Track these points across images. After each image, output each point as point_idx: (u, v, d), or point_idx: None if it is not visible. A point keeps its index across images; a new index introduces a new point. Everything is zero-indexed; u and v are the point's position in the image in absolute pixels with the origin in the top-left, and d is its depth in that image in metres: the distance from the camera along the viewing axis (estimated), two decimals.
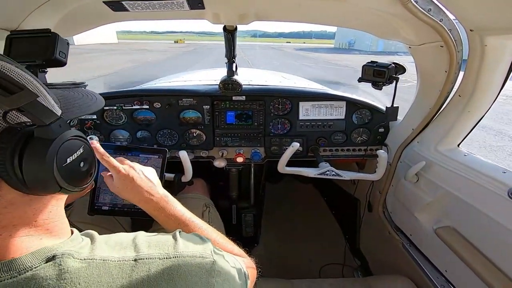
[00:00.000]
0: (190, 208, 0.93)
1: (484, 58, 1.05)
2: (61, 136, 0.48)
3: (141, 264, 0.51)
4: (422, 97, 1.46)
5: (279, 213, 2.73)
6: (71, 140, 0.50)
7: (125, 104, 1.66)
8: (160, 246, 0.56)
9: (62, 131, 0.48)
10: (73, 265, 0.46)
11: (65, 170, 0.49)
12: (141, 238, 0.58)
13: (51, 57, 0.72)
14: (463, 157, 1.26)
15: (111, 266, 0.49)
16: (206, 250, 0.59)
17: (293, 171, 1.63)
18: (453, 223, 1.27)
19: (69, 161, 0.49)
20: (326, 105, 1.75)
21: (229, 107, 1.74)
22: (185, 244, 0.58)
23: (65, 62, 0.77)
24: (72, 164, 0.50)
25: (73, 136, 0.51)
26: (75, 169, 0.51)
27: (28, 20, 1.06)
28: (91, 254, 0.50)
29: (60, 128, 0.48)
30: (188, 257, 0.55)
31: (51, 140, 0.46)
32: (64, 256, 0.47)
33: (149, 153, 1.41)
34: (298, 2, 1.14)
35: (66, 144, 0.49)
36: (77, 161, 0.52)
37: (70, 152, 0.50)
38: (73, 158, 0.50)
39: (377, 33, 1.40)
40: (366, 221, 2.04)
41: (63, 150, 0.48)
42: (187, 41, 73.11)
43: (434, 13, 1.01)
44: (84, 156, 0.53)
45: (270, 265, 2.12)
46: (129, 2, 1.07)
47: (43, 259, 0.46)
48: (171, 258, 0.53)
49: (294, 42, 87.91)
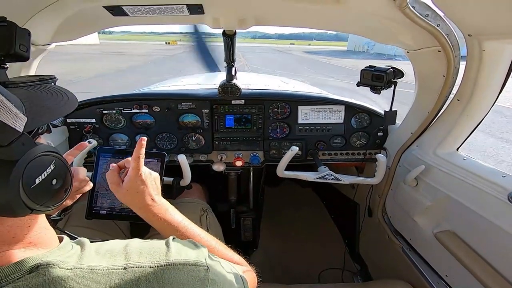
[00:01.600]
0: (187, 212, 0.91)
1: (482, 62, 1.06)
2: (25, 156, 0.43)
3: (131, 273, 0.49)
4: (421, 101, 1.47)
5: (278, 217, 2.72)
6: (39, 157, 0.45)
7: (124, 108, 1.66)
8: (151, 253, 0.54)
9: (26, 149, 0.43)
10: (58, 274, 0.45)
11: (34, 191, 0.44)
12: (133, 245, 0.56)
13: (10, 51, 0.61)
14: (462, 161, 1.26)
15: (99, 275, 0.48)
16: (200, 257, 0.57)
17: (292, 175, 1.63)
18: (453, 227, 1.27)
19: (38, 182, 0.45)
20: (325, 109, 1.75)
21: (228, 111, 1.74)
22: (178, 252, 0.56)
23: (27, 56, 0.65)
24: (42, 184, 0.46)
25: (41, 153, 0.46)
26: (46, 189, 0.47)
27: (29, 24, 1.06)
28: (79, 263, 0.49)
29: (23, 146, 0.43)
30: (180, 265, 0.53)
31: (13, 162, 0.41)
32: (49, 266, 0.45)
33: (148, 157, 1.41)
34: (297, 8, 1.15)
35: (32, 163, 0.44)
36: (48, 179, 0.47)
37: (38, 171, 0.45)
38: (43, 178, 0.46)
39: (375, 38, 1.41)
40: (366, 225, 2.03)
41: (29, 170, 0.43)
42: (183, 42, 68.15)
43: (432, 18, 1.02)
44: (56, 172, 0.49)
45: (269, 270, 2.10)
46: (129, 7, 1.07)
47: (26, 270, 0.44)
48: (162, 266, 0.52)
49: (298, 44, 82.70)
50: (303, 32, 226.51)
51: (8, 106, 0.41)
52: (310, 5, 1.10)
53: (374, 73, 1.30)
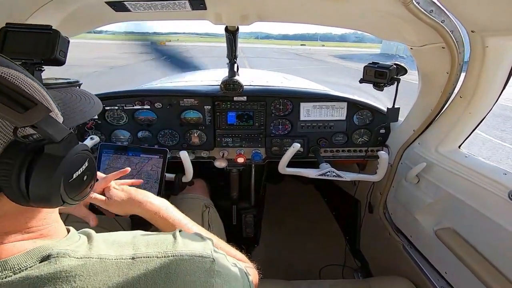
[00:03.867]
0: (190, 208, 0.94)
1: (486, 59, 1.05)
2: (70, 152, 0.46)
3: (139, 263, 0.50)
4: (423, 98, 1.46)
5: (279, 213, 2.73)
6: (79, 154, 0.49)
7: (126, 104, 1.66)
8: (159, 245, 0.56)
9: (71, 146, 0.47)
10: (69, 263, 0.46)
11: (70, 186, 0.48)
12: (140, 237, 0.58)
13: (51, 56, 0.67)
14: (464, 158, 1.26)
15: (108, 264, 0.49)
16: (206, 250, 0.58)
17: (294, 171, 1.63)
18: (454, 225, 1.27)
19: (75, 176, 0.49)
20: (327, 106, 1.75)
21: (230, 108, 1.74)
22: (184, 243, 0.57)
23: (64, 61, 0.71)
24: (77, 179, 0.49)
25: (81, 151, 0.50)
26: (79, 183, 0.50)
27: (31, 20, 1.06)
28: (88, 252, 0.50)
29: (70, 144, 0.47)
30: (187, 256, 0.54)
31: (60, 158, 0.45)
32: (60, 255, 0.47)
33: (150, 153, 1.42)
34: (300, 3, 1.14)
35: (73, 159, 0.48)
36: (82, 175, 0.51)
37: (76, 167, 0.49)
38: (79, 173, 0.50)
39: (378, 34, 1.40)
40: (367, 222, 2.03)
41: (70, 166, 0.47)
42: (176, 42, 58.22)
43: (436, 15, 1.01)
44: (88, 169, 0.52)
45: (270, 266, 2.11)
46: (131, 2, 1.07)
47: (38, 259, 0.46)
48: (169, 256, 0.53)
49: (310, 45, 75.61)
50: (308, 33, 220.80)
51: (55, 109, 0.48)
52: (313, 0, 1.09)
53: (377, 70, 1.29)
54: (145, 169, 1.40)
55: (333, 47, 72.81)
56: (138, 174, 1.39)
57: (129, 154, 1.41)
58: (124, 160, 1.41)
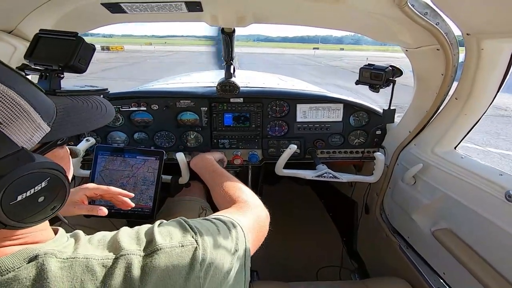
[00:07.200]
0: (187, 210, 0.94)
1: (481, 61, 1.06)
2: (13, 172, 0.43)
3: (123, 261, 0.51)
4: (419, 99, 1.47)
5: (276, 215, 2.70)
6: (30, 174, 0.45)
7: (122, 105, 1.65)
8: (140, 241, 0.56)
9: (17, 164, 0.43)
10: (55, 264, 0.47)
11: (13, 208, 0.44)
12: (123, 234, 0.58)
13: (68, 63, 0.66)
14: (460, 159, 1.27)
15: (94, 264, 0.49)
16: (187, 238, 0.59)
17: (291, 173, 1.63)
18: (451, 225, 1.27)
19: (20, 199, 0.45)
20: (324, 107, 1.75)
21: (226, 109, 1.73)
22: (163, 236, 0.58)
23: (85, 69, 0.69)
24: (25, 201, 0.45)
25: (36, 170, 0.46)
26: (29, 205, 0.47)
27: (26, 21, 1.06)
28: (74, 253, 0.50)
29: (17, 161, 0.43)
30: (168, 249, 0.55)
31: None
32: (47, 256, 0.47)
33: (146, 155, 1.41)
34: (296, 5, 1.15)
35: (20, 180, 0.44)
36: (35, 196, 0.47)
37: (23, 188, 0.45)
38: (28, 195, 0.45)
39: (374, 36, 1.41)
40: (363, 223, 2.04)
41: (13, 187, 0.43)
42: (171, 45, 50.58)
43: (431, 17, 1.02)
44: (47, 189, 0.48)
45: (267, 267, 2.10)
46: (127, 4, 1.06)
47: (25, 259, 0.46)
48: (150, 252, 0.54)
49: (324, 49, 66.69)
50: (308, 36, 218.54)
51: (33, 117, 0.44)
52: (309, 2, 1.10)
53: (373, 72, 1.29)
54: (141, 171, 1.39)
55: (351, 50, 64.66)
56: (134, 176, 1.38)
57: (125, 156, 1.40)
58: (120, 162, 1.39)
